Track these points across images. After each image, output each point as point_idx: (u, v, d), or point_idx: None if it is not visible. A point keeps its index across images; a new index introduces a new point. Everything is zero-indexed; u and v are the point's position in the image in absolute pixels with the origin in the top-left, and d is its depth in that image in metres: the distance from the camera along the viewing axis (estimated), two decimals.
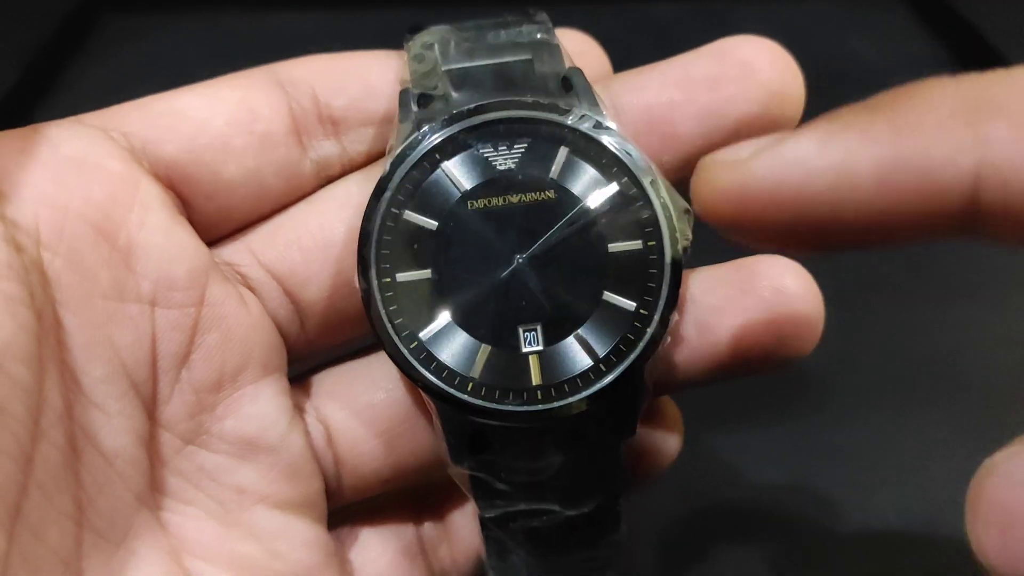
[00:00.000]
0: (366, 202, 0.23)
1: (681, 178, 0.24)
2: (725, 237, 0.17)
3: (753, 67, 0.24)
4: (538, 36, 0.26)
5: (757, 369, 0.24)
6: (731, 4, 0.61)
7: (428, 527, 0.27)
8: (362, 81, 0.25)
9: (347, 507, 0.26)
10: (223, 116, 0.24)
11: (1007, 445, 0.16)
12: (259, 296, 0.24)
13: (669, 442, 0.26)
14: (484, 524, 0.24)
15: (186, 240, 0.23)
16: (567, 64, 0.25)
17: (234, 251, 0.25)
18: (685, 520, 0.34)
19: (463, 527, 0.26)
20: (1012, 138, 0.14)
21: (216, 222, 0.24)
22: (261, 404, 0.23)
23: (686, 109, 0.24)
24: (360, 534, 0.26)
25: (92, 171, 0.22)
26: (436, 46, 0.25)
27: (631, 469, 0.25)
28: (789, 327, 0.23)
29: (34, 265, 0.20)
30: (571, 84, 0.25)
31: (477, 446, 0.23)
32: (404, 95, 0.24)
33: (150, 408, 0.22)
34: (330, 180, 0.25)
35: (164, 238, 0.22)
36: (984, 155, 0.15)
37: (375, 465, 0.25)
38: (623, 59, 0.28)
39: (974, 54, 0.56)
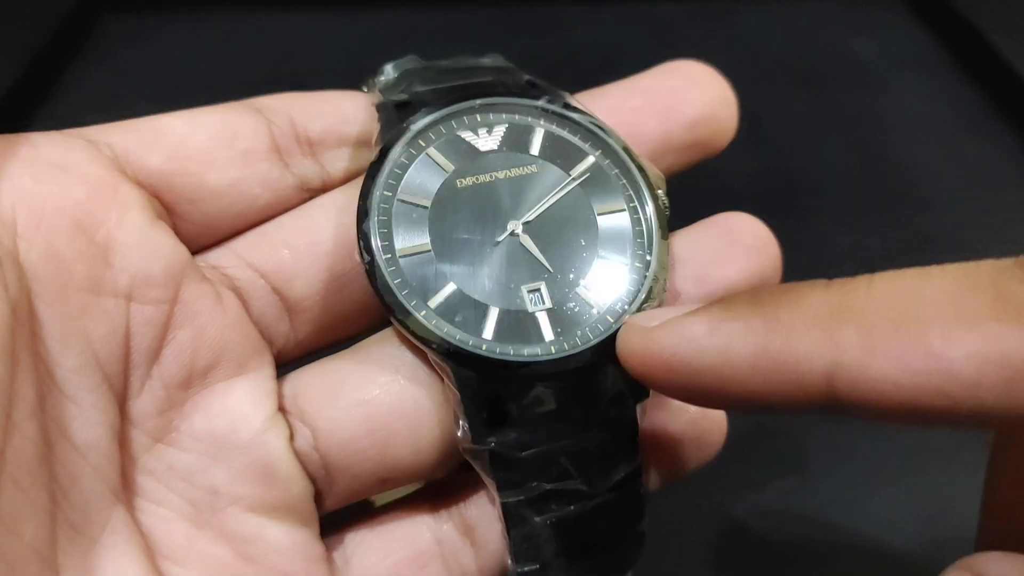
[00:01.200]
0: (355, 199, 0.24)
1: None
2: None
3: (699, 79, 0.28)
4: (496, 63, 0.28)
5: None
6: (731, 4, 0.61)
7: (447, 530, 0.25)
8: (336, 109, 0.27)
9: (351, 508, 0.26)
10: (204, 133, 0.24)
11: (945, 571, 0.19)
12: (245, 295, 0.25)
13: (712, 435, 0.27)
14: (507, 515, 0.23)
15: (164, 239, 0.23)
16: (526, 77, 0.28)
17: (221, 255, 0.25)
18: (682, 521, 0.34)
19: (489, 530, 0.25)
20: (858, 342, 0.17)
21: (202, 229, 0.25)
22: (231, 401, 0.23)
23: (647, 110, 0.28)
24: (360, 538, 0.25)
25: (72, 173, 0.22)
26: (402, 76, 0.27)
27: (674, 459, 0.26)
28: (771, 270, 0.26)
29: (9, 256, 0.20)
30: (535, 83, 0.27)
31: (496, 416, 0.23)
32: (382, 106, 0.26)
33: (121, 402, 0.22)
34: (313, 196, 0.26)
35: (142, 236, 0.22)
36: (836, 356, 0.17)
37: (369, 465, 0.24)
38: (624, 59, 0.28)
39: (974, 54, 0.56)
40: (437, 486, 0.26)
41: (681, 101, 0.28)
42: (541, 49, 0.56)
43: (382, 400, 0.24)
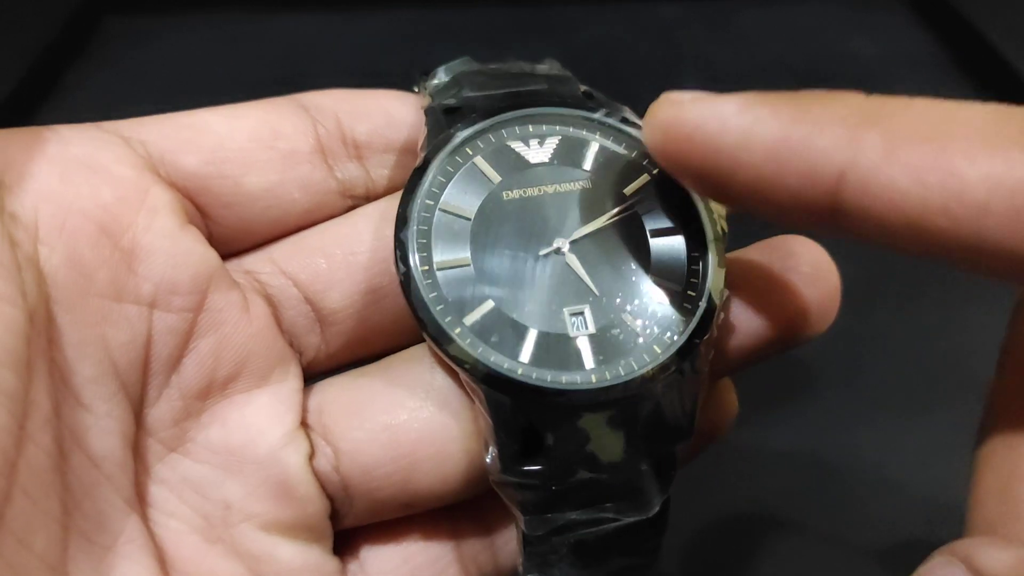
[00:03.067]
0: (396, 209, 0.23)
1: None
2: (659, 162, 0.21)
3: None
4: (551, 71, 0.27)
5: (799, 343, 0.25)
6: (732, 4, 0.61)
7: (467, 535, 0.25)
8: (383, 111, 0.25)
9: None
10: (245, 132, 0.24)
11: (930, 557, 0.18)
12: (276, 304, 0.24)
13: (720, 419, 0.26)
14: (527, 539, 0.22)
15: (193, 246, 0.22)
16: (582, 88, 0.26)
17: (255, 260, 0.24)
18: (689, 520, 0.34)
19: (508, 532, 0.24)
20: (879, 146, 0.17)
21: (236, 233, 0.24)
22: (249, 414, 0.23)
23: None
24: (376, 546, 0.24)
25: (100, 173, 0.21)
26: (453, 79, 0.26)
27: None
28: (827, 301, 0.24)
29: (29, 261, 0.20)
30: (592, 95, 0.25)
31: (530, 445, 0.21)
32: (431, 110, 0.24)
33: (137, 410, 0.22)
34: (356, 203, 0.25)
35: (170, 242, 0.22)
36: (853, 156, 0.17)
37: (392, 491, 0.23)
38: (624, 59, 0.28)
39: (974, 54, 0.56)
40: None
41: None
42: (544, 49, 0.56)
43: (409, 426, 0.23)
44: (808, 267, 0.24)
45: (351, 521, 0.24)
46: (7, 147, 0.21)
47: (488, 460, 0.22)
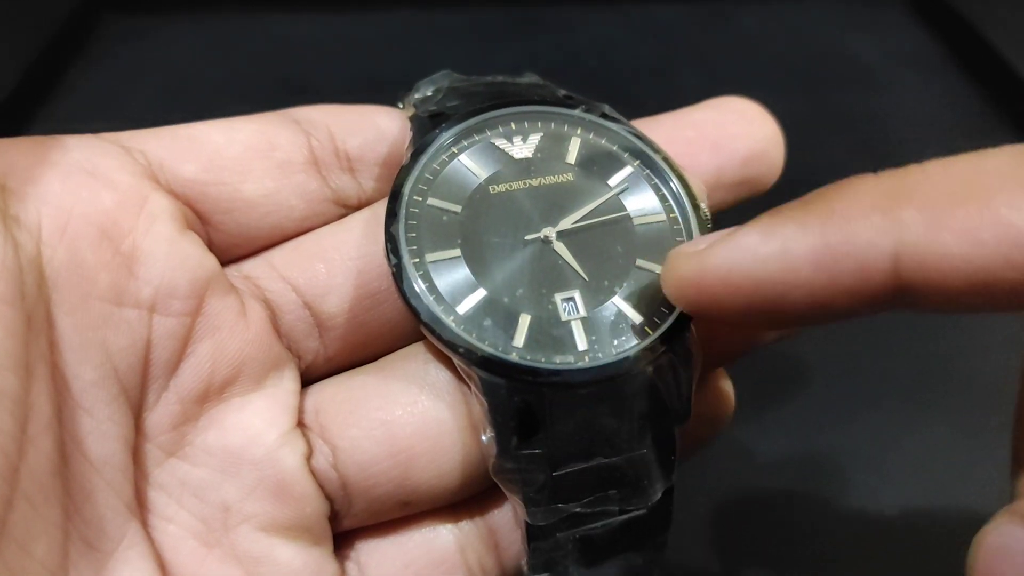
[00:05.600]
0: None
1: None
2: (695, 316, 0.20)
3: (750, 116, 0.28)
4: (531, 81, 0.28)
5: (785, 337, 0.26)
6: (732, 4, 0.61)
7: (470, 534, 0.24)
8: (373, 125, 0.26)
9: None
10: (241, 144, 0.24)
11: (994, 516, 0.18)
12: (276, 308, 0.24)
13: (719, 410, 0.26)
14: (531, 534, 0.22)
15: (191, 250, 0.22)
16: (561, 92, 0.27)
17: (254, 265, 0.25)
18: (686, 519, 0.34)
19: (512, 531, 0.24)
20: (922, 220, 0.16)
21: (236, 239, 0.24)
22: (247, 416, 0.23)
23: (700, 143, 0.27)
24: (377, 548, 0.24)
25: (101, 179, 0.22)
26: (436, 91, 0.26)
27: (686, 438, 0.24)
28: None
29: (31, 263, 0.20)
30: (571, 97, 0.26)
31: (526, 428, 0.21)
32: (415, 118, 0.25)
33: (136, 415, 0.22)
34: (349, 213, 0.26)
35: (169, 246, 0.22)
36: (900, 236, 0.17)
37: (390, 487, 0.23)
38: (623, 59, 0.28)
39: (974, 54, 0.56)
40: None
41: (733, 137, 0.27)
42: (542, 49, 0.56)
43: (405, 421, 0.23)
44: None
45: (350, 522, 0.24)
46: (10, 154, 0.21)
47: (484, 440, 0.22)
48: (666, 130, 0.27)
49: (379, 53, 0.55)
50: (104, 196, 0.21)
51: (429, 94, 0.26)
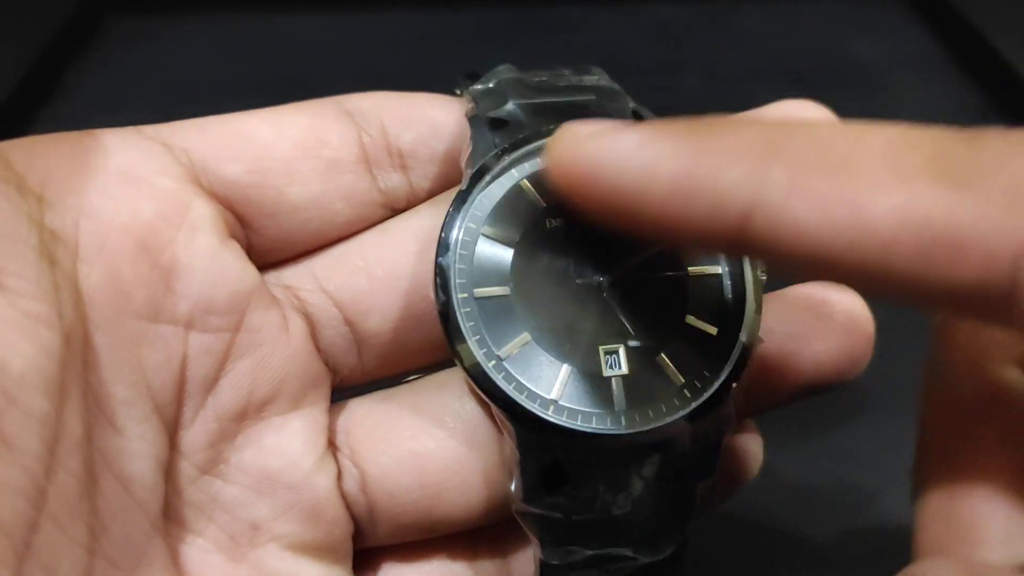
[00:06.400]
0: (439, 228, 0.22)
1: None
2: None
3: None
4: (600, 82, 0.26)
5: (829, 389, 0.25)
6: (733, 4, 0.61)
7: (484, 564, 0.24)
8: (427, 119, 0.25)
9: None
10: (290, 140, 0.23)
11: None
12: (316, 323, 0.24)
13: (743, 470, 0.26)
14: (545, 573, 0.22)
15: (232, 263, 0.22)
16: (632, 105, 0.25)
17: (296, 275, 0.24)
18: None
19: (525, 566, 0.24)
20: (786, 181, 0.16)
21: (278, 244, 0.23)
22: (285, 438, 0.22)
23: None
24: (395, 570, 0.24)
25: (143, 186, 0.21)
26: (498, 84, 0.25)
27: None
28: (860, 350, 0.24)
29: (67, 280, 0.19)
30: (641, 116, 0.25)
31: (554, 480, 0.21)
32: (475, 120, 0.24)
33: (171, 433, 0.21)
34: (397, 213, 0.25)
35: (209, 259, 0.21)
36: (759, 192, 0.16)
37: (416, 516, 0.23)
38: (624, 59, 0.28)
39: (974, 54, 0.56)
40: None
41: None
42: (544, 50, 0.56)
43: (437, 455, 0.23)
44: (843, 316, 0.24)
45: (371, 542, 0.24)
46: (46, 157, 0.20)
47: (512, 489, 0.22)
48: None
49: (383, 53, 0.55)
50: (144, 206, 0.21)
51: (491, 86, 0.25)
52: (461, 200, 0.23)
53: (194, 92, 0.53)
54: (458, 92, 0.26)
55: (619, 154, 0.18)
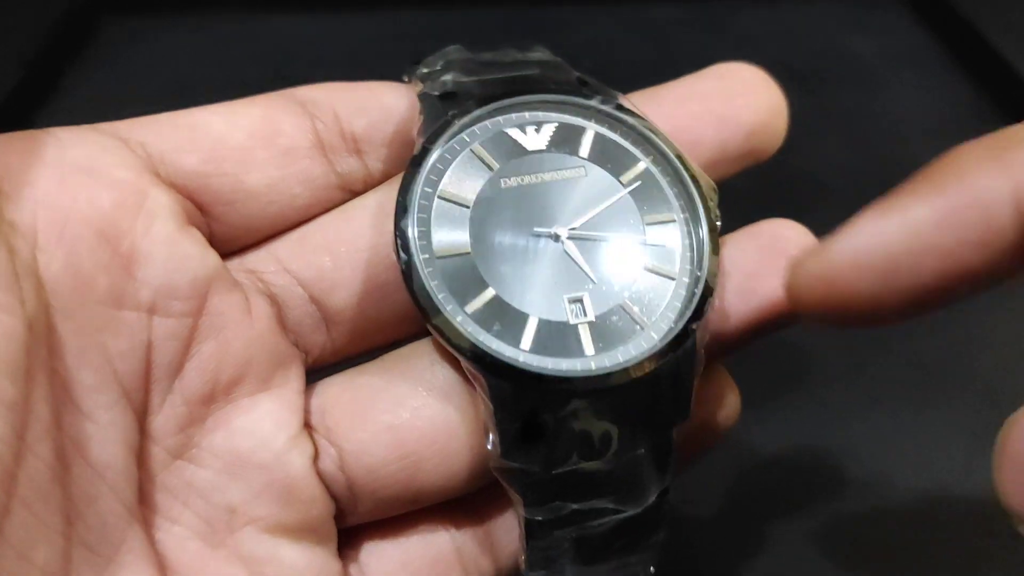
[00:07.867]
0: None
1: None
2: (821, 323, 0.19)
3: (754, 85, 0.27)
4: (543, 57, 0.27)
5: (792, 322, 0.25)
6: (731, 4, 0.61)
7: (466, 535, 0.25)
8: (380, 104, 0.25)
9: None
10: (244, 130, 0.24)
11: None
12: (282, 304, 0.24)
13: (723, 413, 0.26)
14: (530, 531, 0.23)
15: (192, 249, 0.22)
16: (576, 74, 0.26)
17: (259, 258, 0.24)
18: (689, 516, 0.34)
19: (507, 534, 0.25)
20: None
21: (238, 231, 0.24)
22: (255, 418, 0.22)
23: (705, 117, 0.26)
24: (377, 547, 0.24)
25: (100, 178, 0.21)
26: (447, 63, 0.26)
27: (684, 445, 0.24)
28: None
29: (27, 269, 0.19)
30: (586, 82, 0.26)
31: (530, 433, 0.22)
32: (425, 96, 0.24)
33: (140, 418, 0.21)
34: (355, 196, 0.25)
35: (169, 246, 0.22)
36: (1019, 175, 0.16)
37: (397, 489, 0.23)
38: (624, 59, 0.28)
39: (974, 54, 0.56)
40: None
41: (738, 108, 0.27)
42: None
43: (413, 425, 0.23)
44: (797, 250, 0.24)
45: (355, 519, 0.24)
46: (3, 153, 0.21)
47: (489, 447, 0.22)
48: (669, 105, 0.27)
49: (379, 54, 0.55)
50: (102, 196, 0.21)
51: (438, 68, 0.26)
52: (416, 164, 0.23)
53: (191, 93, 0.52)
54: (406, 79, 0.26)
55: (870, 235, 0.18)
